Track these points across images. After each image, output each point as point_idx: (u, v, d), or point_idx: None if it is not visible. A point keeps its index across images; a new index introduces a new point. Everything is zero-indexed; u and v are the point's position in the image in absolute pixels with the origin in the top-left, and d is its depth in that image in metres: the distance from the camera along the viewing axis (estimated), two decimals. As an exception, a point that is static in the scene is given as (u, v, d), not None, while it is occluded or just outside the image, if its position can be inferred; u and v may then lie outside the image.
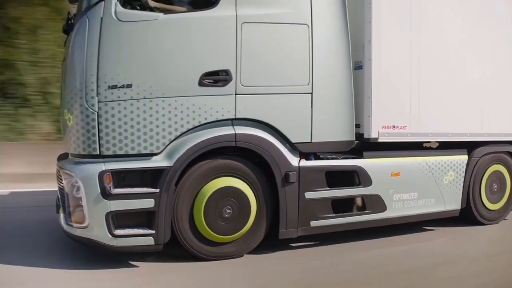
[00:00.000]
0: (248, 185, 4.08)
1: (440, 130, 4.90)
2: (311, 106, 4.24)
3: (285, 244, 4.48)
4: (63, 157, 4.41)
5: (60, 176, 4.06)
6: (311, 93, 4.22)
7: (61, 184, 4.00)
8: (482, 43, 5.07)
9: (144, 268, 3.89)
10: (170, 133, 3.80)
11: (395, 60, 4.61)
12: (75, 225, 3.77)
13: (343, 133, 4.42)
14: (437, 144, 5.39)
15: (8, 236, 4.70)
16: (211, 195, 3.93)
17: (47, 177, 6.60)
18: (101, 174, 3.62)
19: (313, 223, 4.32)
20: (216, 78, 3.90)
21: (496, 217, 5.47)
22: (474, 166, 5.19)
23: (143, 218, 3.82)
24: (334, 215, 4.42)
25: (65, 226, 3.90)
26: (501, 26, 5.23)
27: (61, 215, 4.08)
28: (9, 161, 7.94)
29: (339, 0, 4.32)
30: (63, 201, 3.98)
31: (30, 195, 7.02)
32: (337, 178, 4.45)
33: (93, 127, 3.65)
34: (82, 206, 3.68)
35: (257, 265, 4.05)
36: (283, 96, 4.15)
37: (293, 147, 4.23)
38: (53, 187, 4.55)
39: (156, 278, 3.73)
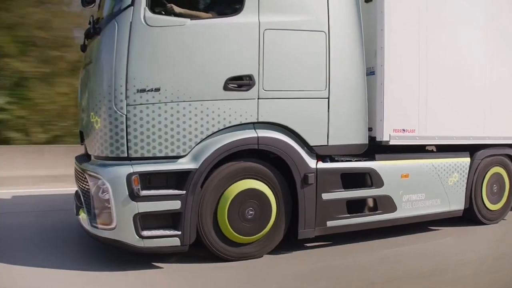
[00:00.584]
0: (269, 186, 4.19)
1: (446, 133, 5.12)
2: (328, 110, 4.38)
3: (300, 245, 4.61)
4: (82, 159, 4.45)
5: (83, 178, 4.10)
6: (328, 98, 4.37)
7: (85, 186, 4.03)
8: (486, 51, 5.33)
9: (166, 269, 3.96)
10: (196, 136, 3.88)
11: (405, 67, 4.81)
12: (101, 226, 3.81)
13: (358, 137, 4.59)
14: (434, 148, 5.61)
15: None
16: (234, 197, 4.03)
17: None
18: (129, 176, 3.68)
19: (329, 223, 4.46)
20: (240, 82, 4.00)
21: (496, 217, 5.73)
22: (476, 168, 5.43)
23: (167, 219, 3.90)
24: (348, 215, 4.57)
25: (89, 228, 3.93)
26: (503, 33, 5.49)
27: (83, 216, 4.13)
28: None
29: (354, 8, 4.49)
30: (87, 203, 4.02)
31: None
32: (347, 180, 4.60)
33: (122, 130, 3.71)
34: (109, 208, 3.72)
35: (279, 265, 4.17)
36: (301, 100, 4.28)
37: (310, 150, 4.36)
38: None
39: (172, 278, 3.79)
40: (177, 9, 3.90)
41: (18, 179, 7.78)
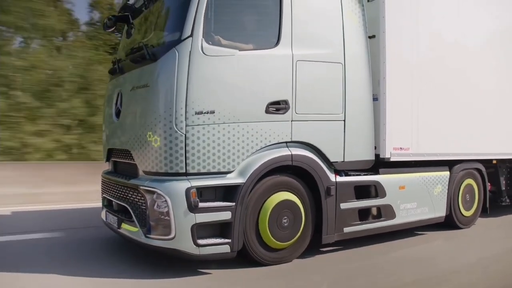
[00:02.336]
0: (298, 198, 4.76)
1: (432, 151, 6.00)
2: (344, 131, 5.07)
3: (316, 250, 5.20)
4: (121, 175, 4.76)
5: (134, 193, 4.40)
6: (344, 120, 5.06)
7: (138, 201, 4.33)
8: (472, 87, 6.37)
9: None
10: (243, 153, 4.37)
11: (402, 95, 5.62)
12: (156, 237, 4.15)
13: (367, 154, 5.32)
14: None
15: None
16: (273, 207, 4.55)
17: None
18: (188, 190, 4.08)
19: (346, 229, 5.10)
20: (278, 106, 4.57)
21: (468, 222, 6.72)
22: (454, 180, 6.38)
23: (215, 229, 4.32)
24: (360, 222, 5.26)
25: (143, 239, 4.24)
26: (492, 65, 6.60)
27: (129, 228, 4.46)
28: None
29: (364, 43, 5.25)
30: (139, 216, 4.32)
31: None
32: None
33: (181, 148, 4.11)
34: (167, 219, 4.07)
35: (311, 266, 4.75)
36: (324, 122, 4.93)
37: (330, 165, 5.00)
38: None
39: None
40: (223, 41, 4.40)
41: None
